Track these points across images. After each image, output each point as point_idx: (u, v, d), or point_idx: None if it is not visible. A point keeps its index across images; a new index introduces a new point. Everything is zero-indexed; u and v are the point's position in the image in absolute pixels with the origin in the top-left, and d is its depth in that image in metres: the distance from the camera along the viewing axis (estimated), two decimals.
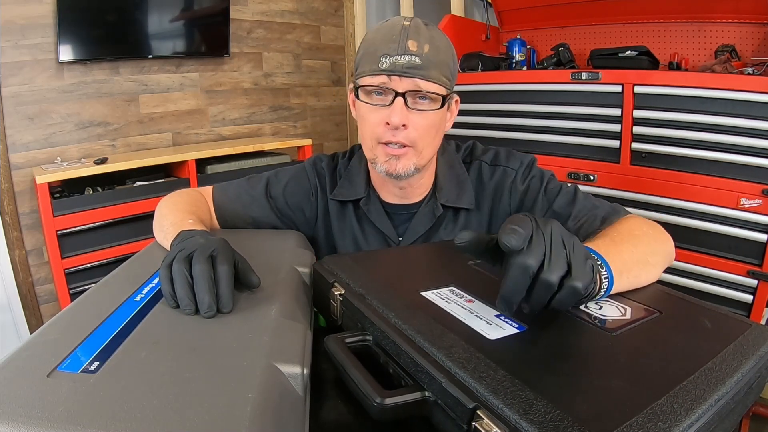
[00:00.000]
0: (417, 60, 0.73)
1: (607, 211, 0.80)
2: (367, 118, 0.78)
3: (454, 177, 0.89)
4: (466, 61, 2.16)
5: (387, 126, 0.76)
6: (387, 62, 0.73)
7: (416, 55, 0.73)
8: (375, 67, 0.74)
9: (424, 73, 0.74)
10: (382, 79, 0.74)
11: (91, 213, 1.97)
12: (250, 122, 2.85)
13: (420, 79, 0.74)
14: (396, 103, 0.74)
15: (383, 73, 0.74)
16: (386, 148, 0.78)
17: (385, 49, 0.74)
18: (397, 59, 0.73)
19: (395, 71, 0.73)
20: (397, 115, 0.74)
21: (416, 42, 0.74)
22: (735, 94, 1.45)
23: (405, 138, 0.76)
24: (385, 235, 0.89)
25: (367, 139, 0.80)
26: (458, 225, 0.88)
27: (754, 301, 1.49)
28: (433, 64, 0.75)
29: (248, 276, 0.58)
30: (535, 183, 0.86)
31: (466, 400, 0.38)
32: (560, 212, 0.82)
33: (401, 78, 0.74)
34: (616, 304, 0.55)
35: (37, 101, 2.14)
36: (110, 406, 0.36)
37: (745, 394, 0.44)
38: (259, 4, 2.76)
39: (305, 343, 0.51)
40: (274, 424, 0.37)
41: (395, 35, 0.74)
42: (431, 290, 0.57)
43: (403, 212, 0.89)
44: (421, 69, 0.74)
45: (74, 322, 0.49)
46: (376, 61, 0.74)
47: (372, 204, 0.89)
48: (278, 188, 0.91)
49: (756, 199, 1.45)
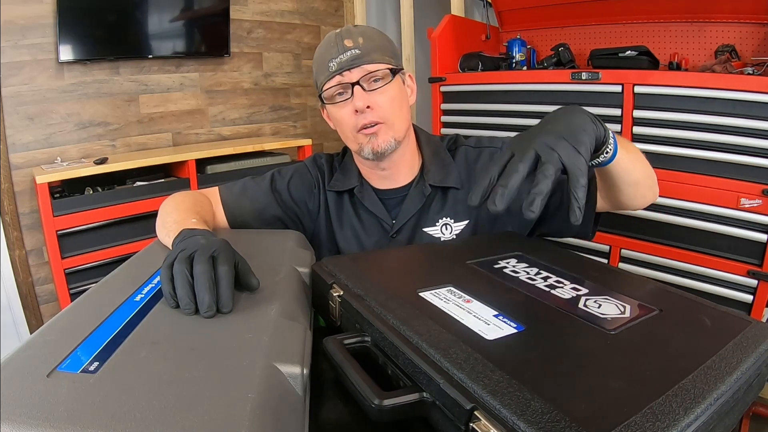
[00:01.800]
0: (357, 51, 0.83)
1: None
2: (340, 117, 0.87)
3: (440, 161, 0.95)
4: (466, 61, 2.16)
5: (356, 113, 0.85)
6: (334, 64, 0.84)
7: (354, 48, 0.83)
8: (327, 73, 0.85)
9: (367, 59, 0.84)
10: (337, 79, 0.84)
11: (91, 213, 1.97)
12: (250, 122, 2.85)
13: (365, 64, 0.84)
14: (355, 92, 0.83)
15: (335, 74, 0.84)
16: (364, 131, 0.86)
17: (330, 55, 0.84)
18: (341, 58, 0.83)
19: (343, 67, 0.83)
20: (359, 99, 0.83)
21: (351, 39, 0.84)
22: (735, 94, 1.45)
23: (374, 116, 0.85)
24: (380, 218, 0.94)
25: (347, 134, 0.88)
26: (447, 203, 0.93)
27: (754, 301, 1.49)
28: (372, 49, 0.84)
29: (248, 278, 0.58)
30: None
31: (464, 400, 0.38)
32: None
33: (350, 70, 0.83)
34: (615, 302, 0.55)
35: (37, 101, 2.14)
36: (110, 406, 0.36)
37: (745, 392, 0.44)
38: (259, 4, 2.76)
39: (305, 344, 0.51)
40: (274, 424, 0.37)
41: (332, 42, 0.85)
42: (429, 290, 0.57)
43: (395, 196, 0.95)
44: (362, 57, 0.83)
45: (74, 322, 0.49)
46: (327, 67, 0.85)
47: (365, 191, 0.95)
48: (282, 183, 0.97)
49: (756, 199, 1.45)
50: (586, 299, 0.55)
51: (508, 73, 2.07)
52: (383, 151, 0.86)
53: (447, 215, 0.93)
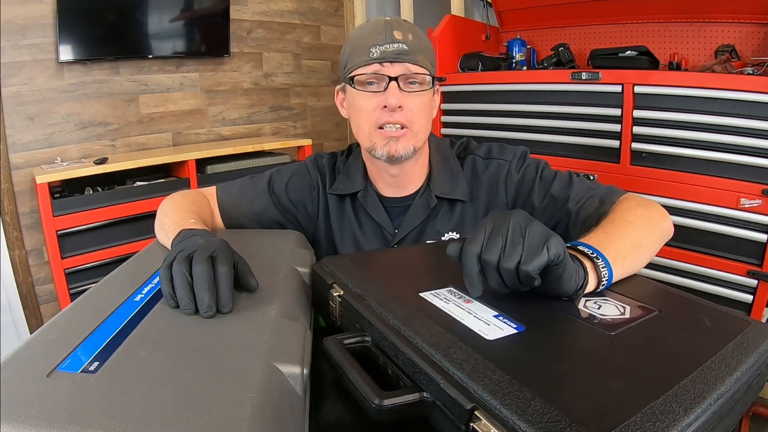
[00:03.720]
0: (404, 47, 0.79)
1: (605, 192, 0.81)
2: (362, 106, 0.82)
3: (448, 170, 0.91)
4: (466, 61, 2.16)
5: (384, 109, 0.80)
6: (377, 51, 0.79)
7: (403, 42, 0.79)
8: (366, 58, 0.79)
9: (412, 58, 0.80)
10: (375, 67, 0.79)
11: (91, 213, 1.97)
12: (250, 122, 2.85)
13: (409, 63, 0.80)
14: (391, 87, 0.79)
15: (375, 62, 0.79)
16: (384, 132, 0.82)
17: (374, 40, 0.79)
18: (386, 47, 0.78)
19: (386, 58, 0.79)
20: (393, 96, 0.79)
21: (401, 32, 0.80)
22: (735, 94, 1.45)
23: (402, 118, 0.81)
24: (382, 227, 0.91)
25: (363, 127, 0.84)
26: (454, 216, 0.90)
27: (754, 301, 1.49)
28: (419, 50, 0.81)
29: (247, 278, 0.58)
30: (530, 171, 0.88)
31: (464, 400, 0.38)
32: (558, 196, 0.84)
33: (392, 63, 0.79)
34: (615, 303, 0.55)
35: (37, 101, 2.14)
36: (110, 406, 0.36)
37: (745, 392, 0.44)
38: (259, 4, 2.76)
39: (305, 344, 0.51)
40: (274, 424, 0.37)
41: (380, 28, 0.80)
42: (429, 291, 0.57)
43: (399, 205, 0.92)
44: (409, 54, 0.79)
45: (74, 322, 0.49)
46: (367, 52, 0.79)
47: (369, 196, 0.92)
48: (281, 184, 0.94)
49: (756, 199, 1.45)
50: (586, 300, 0.55)
51: (508, 73, 2.07)
52: (399, 156, 0.82)
53: (453, 229, 0.90)
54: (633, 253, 0.63)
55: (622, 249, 0.62)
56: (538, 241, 0.50)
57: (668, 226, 0.75)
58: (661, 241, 0.72)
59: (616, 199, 0.78)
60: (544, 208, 0.85)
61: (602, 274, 0.57)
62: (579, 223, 0.81)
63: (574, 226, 0.81)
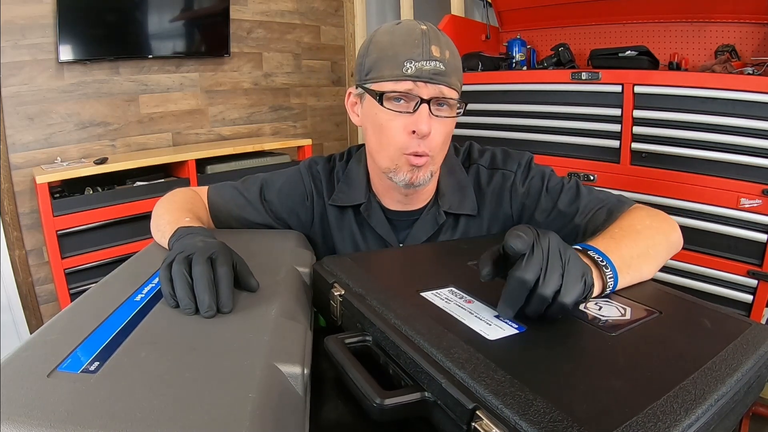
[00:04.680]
0: (441, 66, 0.71)
1: (613, 203, 0.79)
2: (388, 126, 0.75)
3: (456, 183, 0.87)
4: (466, 61, 2.16)
5: (413, 135, 0.74)
6: (413, 68, 0.71)
7: (440, 61, 0.72)
8: (399, 72, 0.71)
9: (447, 80, 0.73)
10: (408, 86, 0.72)
11: (91, 213, 1.96)
12: (250, 122, 2.85)
13: (444, 85, 0.73)
14: (422, 111, 0.72)
15: (408, 79, 0.71)
16: (411, 159, 0.75)
17: (409, 53, 0.71)
18: (423, 65, 0.71)
19: (422, 77, 0.71)
20: (425, 123, 0.72)
21: (438, 48, 0.72)
22: (735, 94, 1.45)
23: (428, 147, 0.75)
24: (386, 241, 0.87)
25: (390, 149, 0.76)
26: (458, 230, 0.87)
27: (754, 301, 1.49)
28: (453, 71, 0.74)
29: (247, 279, 0.58)
30: (535, 183, 0.85)
31: (466, 400, 0.38)
32: (566, 210, 0.81)
33: (427, 84, 0.72)
34: (616, 305, 0.55)
35: (37, 101, 2.14)
36: (110, 406, 0.36)
37: (745, 393, 0.44)
38: (259, 4, 2.76)
39: (305, 343, 0.51)
40: (274, 424, 0.37)
41: (417, 39, 0.71)
42: (431, 291, 0.57)
43: (405, 218, 0.88)
44: (444, 75, 0.72)
45: (74, 322, 0.49)
46: (400, 66, 0.71)
47: (373, 210, 0.87)
48: (273, 192, 0.90)
49: (756, 199, 1.45)
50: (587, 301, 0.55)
51: (508, 73, 2.07)
52: (419, 184, 0.78)
53: None
54: (639, 262, 0.62)
55: (629, 257, 0.61)
56: (576, 272, 0.49)
57: (677, 237, 0.73)
58: (669, 253, 0.70)
59: (625, 209, 0.76)
60: (552, 221, 0.82)
61: (608, 283, 0.56)
62: (587, 236, 0.78)
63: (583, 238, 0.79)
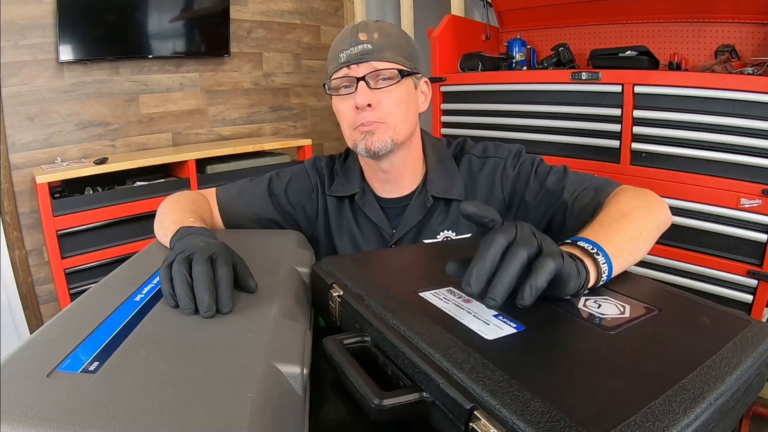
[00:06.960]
0: (369, 46, 0.81)
1: (600, 183, 0.82)
2: (340, 109, 0.86)
3: (444, 170, 0.92)
4: (466, 61, 2.16)
5: (357, 110, 0.82)
6: (344, 56, 0.81)
7: (367, 42, 0.81)
8: (336, 64, 0.83)
9: (378, 56, 0.81)
10: (343, 71, 0.82)
11: (91, 213, 1.97)
12: (250, 122, 2.85)
13: (375, 61, 0.81)
14: (359, 87, 0.81)
15: (343, 66, 0.82)
16: (359, 128, 0.84)
17: (342, 46, 0.82)
18: (351, 50, 0.81)
19: (352, 60, 0.81)
20: (360, 96, 0.81)
21: (366, 33, 0.82)
22: (735, 94, 1.45)
23: (373, 117, 0.83)
24: (380, 227, 0.92)
25: (346, 130, 0.87)
26: (449, 216, 0.91)
27: (754, 301, 1.49)
28: (385, 47, 0.82)
29: (246, 280, 0.58)
30: (525, 167, 0.89)
31: (464, 400, 0.38)
32: (553, 189, 0.85)
33: (358, 65, 0.81)
34: (614, 302, 0.55)
35: (37, 101, 2.14)
36: (110, 406, 0.36)
37: (745, 392, 0.44)
38: (259, 4, 2.76)
39: (305, 344, 0.51)
40: (274, 424, 0.37)
41: (347, 33, 0.83)
42: (429, 291, 0.57)
43: (396, 205, 0.93)
44: (373, 53, 0.81)
45: (74, 322, 0.49)
46: (336, 58, 0.83)
47: (366, 198, 0.93)
48: (280, 186, 0.95)
49: (756, 199, 1.45)
50: (585, 299, 0.55)
51: (508, 73, 2.07)
52: (377, 150, 0.83)
53: (449, 228, 0.91)
54: (631, 245, 0.63)
55: (621, 241, 0.62)
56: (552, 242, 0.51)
57: (665, 213, 0.74)
58: (659, 230, 0.72)
59: (611, 190, 0.78)
60: (540, 201, 0.86)
61: (602, 270, 0.57)
62: (575, 214, 0.81)
63: (570, 217, 0.82)
